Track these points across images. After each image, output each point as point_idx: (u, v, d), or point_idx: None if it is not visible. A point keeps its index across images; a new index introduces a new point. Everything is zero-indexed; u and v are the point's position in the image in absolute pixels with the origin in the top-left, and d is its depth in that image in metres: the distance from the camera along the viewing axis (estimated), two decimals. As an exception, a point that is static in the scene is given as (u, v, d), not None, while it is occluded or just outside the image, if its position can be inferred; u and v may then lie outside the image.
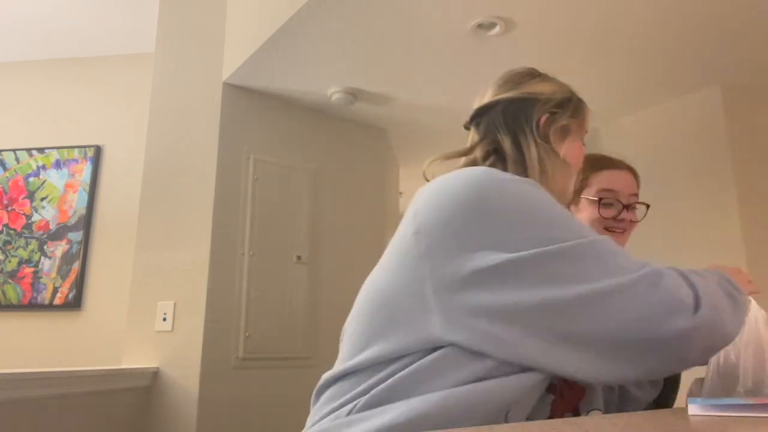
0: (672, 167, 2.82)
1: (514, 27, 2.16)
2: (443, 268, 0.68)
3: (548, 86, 0.94)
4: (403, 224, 0.76)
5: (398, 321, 0.70)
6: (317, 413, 0.75)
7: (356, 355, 0.73)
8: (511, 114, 0.89)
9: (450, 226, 0.69)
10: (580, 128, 0.93)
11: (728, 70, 2.54)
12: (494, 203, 0.69)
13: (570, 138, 0.90)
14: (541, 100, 0.90)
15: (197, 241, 2.41)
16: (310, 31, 2.20)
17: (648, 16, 2.13)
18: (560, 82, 0.97)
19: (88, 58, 3.33)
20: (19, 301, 3.02)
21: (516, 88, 0.92)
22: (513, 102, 0.90)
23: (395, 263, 0.74)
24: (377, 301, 0.74)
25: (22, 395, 1.68)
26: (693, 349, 0.65)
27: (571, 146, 0.90)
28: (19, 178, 3.18)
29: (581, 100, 0.96)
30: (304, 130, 2.84)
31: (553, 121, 0.89)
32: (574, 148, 0.91)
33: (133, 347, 2.39)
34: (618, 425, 0.56)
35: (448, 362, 0.66)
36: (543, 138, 0.87)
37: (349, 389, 0.71)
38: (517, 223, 0.68)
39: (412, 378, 0.66)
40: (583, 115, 0.95)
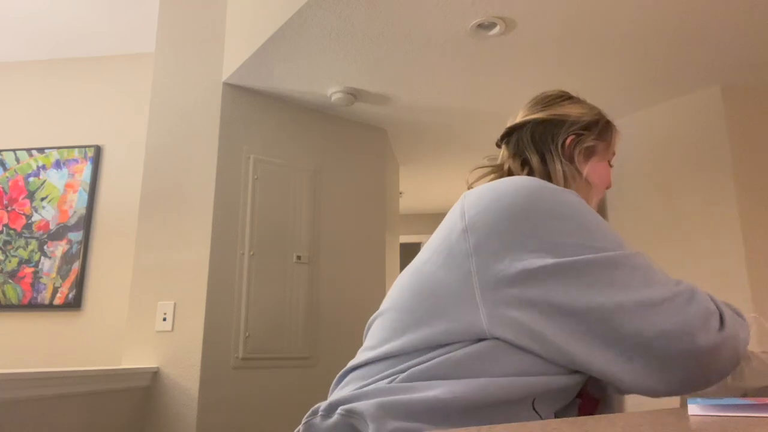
0: (672, 167, 2.82)
1: (514, 27, 2.16)
2: (490, 267, 0.71)
3: (577, 108, 0.98)
4: (448, 222, 0.79)
5: (444, 311, 0.73)
6: (344, 389, 0.77)
7: (393, 340, 0.76)
8: (539, 134, 0.94)
9: (499, 227, 0.72)
10: (606, 150, 0.96)
11: (728, 70, 2.54)
12: (543, 209, 0.73)
13: (595, 158, 0.94)
14: (568, 121, 0.94)
15: (197, 241, 2.42)
16: (310, 31, 2.20)
17: (648, 16, 2.13)
18: (590, 105, 1.00)
19: (88, 58, 3.33)
20: (19, 301, 3.02)
21: (545, 109, 0.97)
22: (542, 123, 0.94)
23: (442, 257, 0.76)
24: (423, 291, 0.77)
25: (22, 395, 1.68)
26: (719, 362, 0.67)
27: (595, 167, 0.94)
28: (19, 178, 3.18)
29: (610, 123, 0.99)
30: (304, 130, 2.84)
31: (579, 142, 0.93)
32: (599, 168, 0.95)
33: (133, 347, 2.39)
34: (618, 425, 0.56)
35: (492, 354, 0.69)
36: (568, 158, 0.92)
37: (384, 369, 0.74)
38: (564, 229, 0.71)
39: (454, 364, 0.69)
40: (610, 137, 0.98)
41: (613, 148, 0.99)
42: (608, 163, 0.98)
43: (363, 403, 0.69)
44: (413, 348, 0.73)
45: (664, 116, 2.89)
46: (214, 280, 2.38)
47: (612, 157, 1.00)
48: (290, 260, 2.62)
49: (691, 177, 2.73)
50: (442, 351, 0.71)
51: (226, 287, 2.42)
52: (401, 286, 0.82)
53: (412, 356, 0.73)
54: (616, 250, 0.70)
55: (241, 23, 2.55)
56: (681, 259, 2.68)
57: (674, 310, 0.66)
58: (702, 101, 2.73)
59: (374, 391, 0.71)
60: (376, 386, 0.72)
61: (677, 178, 2.78)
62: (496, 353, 0.69)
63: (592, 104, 1.01)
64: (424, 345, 0.72)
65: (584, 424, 0.57)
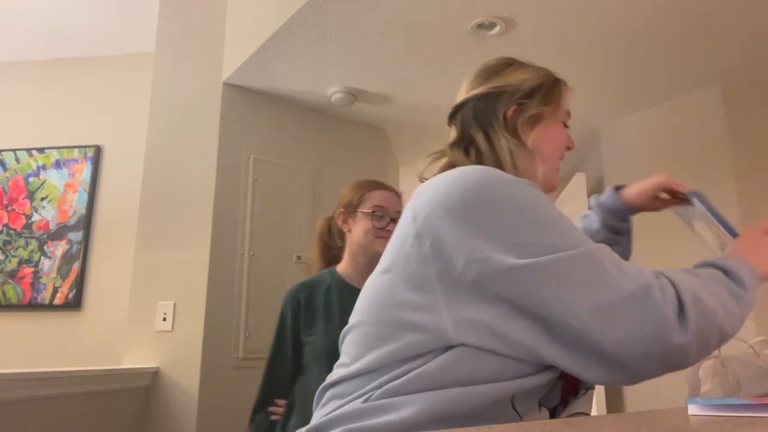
0: (672, 167, 2.82)
1: (514, 27, 2.16)
2: (447, 271, 0.69)
3: (519, 75, 0.93)
4: (403, 226, 0.76)
5: (409, 322, 0.70)
6: (322, 409, 0.76)
7: (364, 356, 0.73)
8: (481, 109, 0.90)
9: (450, 230, 0.69)
10: (555, 112, 0.91)
11: (728, 70, 2.54)
12: (493, 206, 0.70)
13: (542, 124, 0.89)
14: (507, 92, 0.90)
15: (197, 241, 2.42)
16: (310, 31, 2.20)
17: (648, 16, 2.13)
18: (536, 68, 0.96)
19: (88, 58, 3.33)
20: (19, 301, 3.02)
21: (486, 82, 0.93)
22: (482, 98, 0.91)
23: (401, 266, 0.74)
24: (387, 302, 0.74)
25: (22, 395, 1.68)
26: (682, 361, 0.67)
27: (544, 132, 0.89)
28: (19, 178, 3.18)
29: (556, 83, 0.94)
30: (304, 130, 2.84)
31: (521, 112, 0.88)
32: (549, 133, 0.90)
33: (133, 347, 2.39)
34: (617, 425, 0.56)
35: (463, 361, 0.67)
36: (512, 131, 0.87)
37: (359, 387, 0.72)
38: (516, 227, 0.69)
39: (428, 376, 0.67)
40: (558, 97, 0.93)
41: (565, 108, 0.94)
42: (563, 124, 0.94)
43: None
44: (385, 363, 0.71)
45: (664, 116, 2.89)
46: (214, 280, 2.38)
47: (566, 117, 0.95)
48: (290, 260, 2.62)
49: (691, 177, 2.73)
50: (415, 364, 0.68)
51: (226, 287, 2.42)
52: (367, 298, 0.80)
53: (385, 371, 0.70)
54: (570, 248, 0.67)
55: (241, 23, 2.55)
56: (681, 259, 2.67)
57: (625, 316, 0.64)
58: (702, 101, 2.73)
59: (346, 415, 0.69)
60: (349, 408, 0.70)
61: (677, 178, 2.78)
62: (467, 360, 0.67)
63: (539, 66, 0.96)
64: (395, 359, 0.70)
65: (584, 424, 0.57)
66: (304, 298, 1.52)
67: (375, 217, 1.52)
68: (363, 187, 1.59)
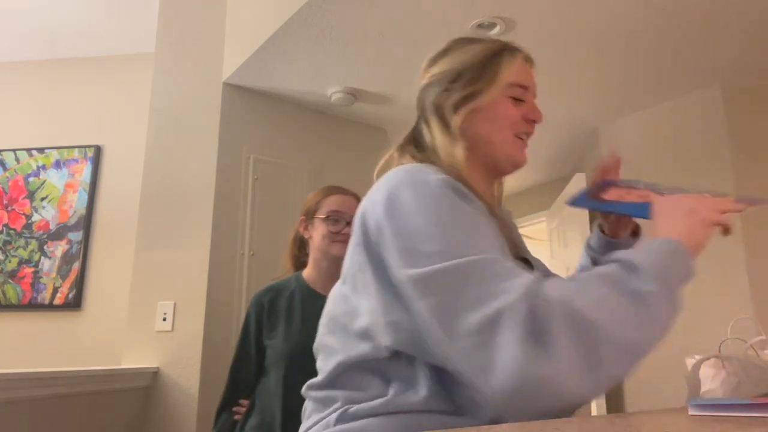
0: (672, 167, 2.82)
1: (514, 27, 2.16)
2: (376, 282, 0.70)
3: (451, 61, 0.89)
4: (353, 235, 0.78)
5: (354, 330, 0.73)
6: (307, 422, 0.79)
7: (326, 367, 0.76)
8: (421, 102, 0.91)
9: (373, 237, 0.71)
10: (491, 88, 0.85)
11: (728, 70, 2.54)
12: (396, 215, 0.69)
13: (476, 104, 0.84)
14: (437, 79, 0.88)
15: (197, 241, 2.41)
16: (310, 31, 2.20)
17: (648, 16, 2.13)
18: (472, 47, 0.89)
19: (88, 58, 3.33)
20: (19, 301, 3.02)
21: (425, 74, 0.92)
22: (423, 90, 0.91)
23: (349, 274, 0.77)
24: (336, 312, 0.79)
25: (22, 395, 1.68)
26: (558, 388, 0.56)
27: (482, 112, 0.84)
28: (19, 178, 3.18)
29: (493, 56, 0.87)
30: (304, 130, 2.84)
31: (447, 98, 0.86)
32: (488, 112, 0.85)
33: (133, 347, 2.39)
34: (618, 425, 0.56)
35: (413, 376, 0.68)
36: (442, 119, 0.86)
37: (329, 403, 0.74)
38: (407, 236, 0.67)
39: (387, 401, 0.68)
40: (493, 73, 0.86)
41: (508, 80, 0.86)
42: (512, 99, 0.86)
43: None
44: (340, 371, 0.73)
45: (664, 116, 2.89)
46: (214, 280, 2.38)
47: (516, 90, 0.86)
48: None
49: (690, 176, 2.73)
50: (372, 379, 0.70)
51: (226, 287, 2.42)
52: (327, 306, 0.82)
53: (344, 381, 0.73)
54: (455, 257, 0.62)
55: (241, 23, 2.55)
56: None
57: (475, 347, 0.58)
58: (702, 101, 2.73)
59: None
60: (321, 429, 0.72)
61: (677, 177, 2.78)
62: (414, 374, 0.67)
63: (484, 42, 0.90)
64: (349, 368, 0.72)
65: (584, 424, 0.57)
66: (268, 302, 1.55)
67: (330, 221, 1.55)
68: (320, 193, 1.63)
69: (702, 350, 0.88)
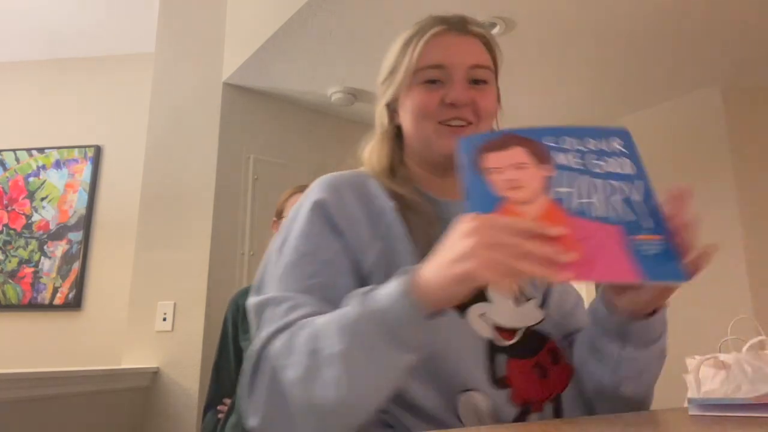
0: (672, 167, 2.82)
1: (514, 27, 2.16)
2: None
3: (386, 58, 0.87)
4: None
5: None
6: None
7: None
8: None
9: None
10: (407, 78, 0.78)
11: (728, 70, 2.54)
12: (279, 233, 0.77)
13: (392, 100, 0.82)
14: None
15: (197, 241, 2.41)
16: (310, 31, 2.20)
17: (648, 17, 2.13)
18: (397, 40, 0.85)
19: (88, 58, 3.32)
20: (19, 301, 3.02)
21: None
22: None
23: None
24: None
25: (22, 395, 1.68)
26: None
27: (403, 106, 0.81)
28: (19, 178, 3.18)
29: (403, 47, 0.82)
30: (304, 130, 2.84)
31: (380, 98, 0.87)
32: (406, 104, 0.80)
33: (133, 347, 2.39)
34: (618, 425, 0.56)
35: None
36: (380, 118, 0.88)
37: None
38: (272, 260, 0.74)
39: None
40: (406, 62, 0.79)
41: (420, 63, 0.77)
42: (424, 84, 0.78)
43: None
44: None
45: (664, 116, 2.88)
46: (214, 280, 2.38)
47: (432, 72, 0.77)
48: (290, 260, 2.61)
49: (690, 177, 2.73)
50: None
51: (226, 287, 2.41)
52: None
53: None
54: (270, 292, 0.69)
55: (241, 23, 2.55)
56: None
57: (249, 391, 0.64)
58: (702, 101, 2.73)
59: None
60: None
61: (677, 177, 2.78)
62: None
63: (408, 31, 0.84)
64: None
65: (584, 425, 0.57)
66: (243, 304, 1.55)
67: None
68: (287, 193, 1.60)
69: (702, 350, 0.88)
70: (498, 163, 0.59)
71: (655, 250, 0.55)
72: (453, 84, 0.76)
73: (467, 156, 0.60)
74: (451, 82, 0.76)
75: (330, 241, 0.70)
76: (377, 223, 0.72)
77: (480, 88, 0.78)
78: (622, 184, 0.60)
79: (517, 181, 0.58)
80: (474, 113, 0.76)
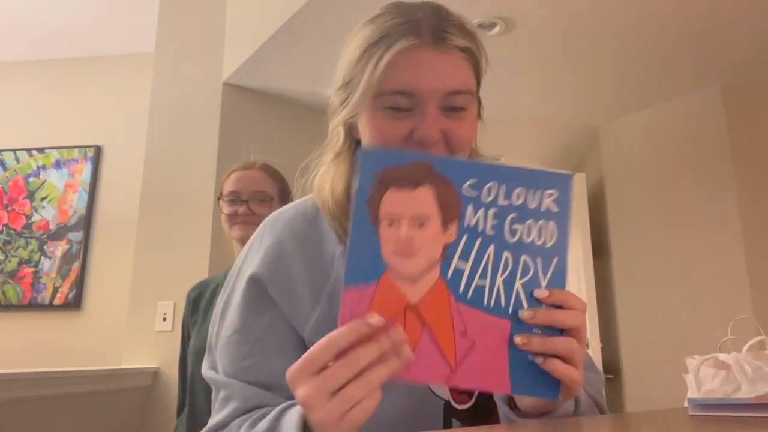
0: (672, 167, 2.82)
1: (514, 27, 2.16)
2: None
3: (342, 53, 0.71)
4: None
5: None
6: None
7: None
8: None
9: None
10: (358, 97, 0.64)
11: (728, 70, 2.54)
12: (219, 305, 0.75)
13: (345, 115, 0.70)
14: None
15: (197, 241, 2.41)
16: (310, 31, 2.20)
17: (648, 17, 2.13)
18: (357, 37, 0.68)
19: (88, 58, 3.32)
20: (19, 301, 3.02)
21: None
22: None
23: None
24: None
25: (22, 395, 1.68)
26: None
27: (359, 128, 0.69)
28: (19, 178, 3.18)
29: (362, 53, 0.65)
30: (304, 130, 2.84)
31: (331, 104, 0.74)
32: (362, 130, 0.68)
33: (133, 347, 2.39)
34: (618, 425, 0.56)
35: None
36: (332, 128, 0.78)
37: None
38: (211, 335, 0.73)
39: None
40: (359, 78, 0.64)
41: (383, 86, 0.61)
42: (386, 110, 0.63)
43: None
44: None
45: (664, 116, 2.88)
46: (214, 280, 2.38)
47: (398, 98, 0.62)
48: (290, 260, 2.61)
49: (691, 177, 2.73)
50: None
51: (226, 287, 2.41)
52: None
53: None
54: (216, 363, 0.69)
55: (241, 23, 2.55)
56: (681, 259, 2.68)
57: None
58: (702, 101, 2.73)
59: None
60: None
61: (677, 177, 2.78)
62: None
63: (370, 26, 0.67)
64: None
65: (584, 425, 0.57)
66: (193, 299, 1.49)
67: (225, 202, 1.43)
68: (228, 173, 1.50)
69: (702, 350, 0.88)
70: (397, 207, 0.49)
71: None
72: (423, 116, 0.61)
73: (365, 187, 0.49)
74: (421, 114, 0.62)
75: (262, 318, 0.66)
76: (322, 282, 0.66)
77: (457, 116, 0.64)
78: (532, 260, 0.50)
79: (410, 246, 0.49)
80: (447, 147, 0.63)
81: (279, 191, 1.53)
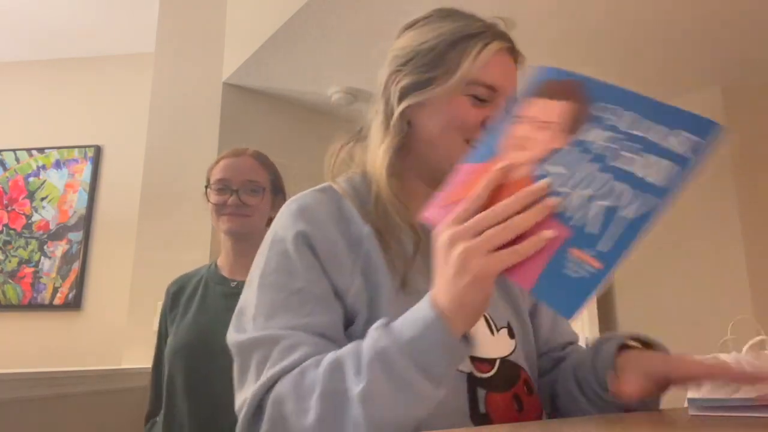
0: (672, 167, 2.82)
1: (514, 27, 2.16)
2: None
3: (411, 38, 0.76)
4: None
5: None
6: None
7: None
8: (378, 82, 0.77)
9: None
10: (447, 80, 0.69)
11: (728, 70, 2.54)
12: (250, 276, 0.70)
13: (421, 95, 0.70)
14: (392, 58, 0.77)
15: (197, 241, 2.41)
16: (310, 31, 2.20)
17: (648, 17, 2.13)
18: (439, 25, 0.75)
19: (88, 58, 3.32)
20: (19, 301, 3.02)
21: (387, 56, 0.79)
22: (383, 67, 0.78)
23: None
24: None
25: (22, 395, 1.68)
26: None
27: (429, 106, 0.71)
28: (19, 178, 3.18)
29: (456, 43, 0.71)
30: (304, 130, 2.84)
31: (394, 82, 0.73)
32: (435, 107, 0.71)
33: (133, 347, 2.39)
34: (618, 425, 0.56)
35: None
36: (387, 104, 0.74)
37: None
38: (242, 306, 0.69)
39: None
40: (453, 62, 0.69)
41: (475, 76, 0.69)
42: (468, 98, 0.70)
43: None
44: None
45: (664, 116, 2.88)
46: (214, 280, 2.38)
47: (482, 90, 0.70)
48: (290, 260, 2.61)
49: (691, 177, 2.73)
50: None
51: (226, 287, 2.42)
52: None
53: None
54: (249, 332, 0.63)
55: (241, 23, 2.55)
56: (681, 259, 2.68)
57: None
58: (702, 101, 2.73)
59: None
60: None
61: (677, 178, 2.78)
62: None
63: (460, 21, 0.76)
64: None
65: (584, 425, 0.57)
66: (173, 294, 1.40)
67: (213, 192, 1.35)
68: (217, 159, 1.40)
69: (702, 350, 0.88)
70: (535, 112, 0.56)
71: (578, 274, 0.48)
72: (498, 109, 0.69)
73: (528, 88, 0.58)
74: (495, 107, 0.70)
75: (319, 277, 0.65)
76: (356, 255, 0.67)
77: None
78: (628, 191, 0.50)
79: (525, 143, 0.54)
80: None
81: (271, 181, 1.44)
